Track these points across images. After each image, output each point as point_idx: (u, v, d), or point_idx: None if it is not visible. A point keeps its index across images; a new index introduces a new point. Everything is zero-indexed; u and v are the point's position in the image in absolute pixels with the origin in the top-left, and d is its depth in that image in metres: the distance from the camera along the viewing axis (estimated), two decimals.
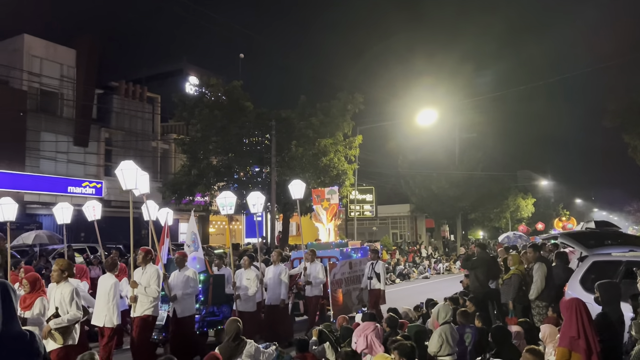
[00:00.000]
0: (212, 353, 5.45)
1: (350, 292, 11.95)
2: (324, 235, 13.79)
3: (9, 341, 2.77)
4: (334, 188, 13.94)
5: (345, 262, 11.96)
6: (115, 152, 26.99)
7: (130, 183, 8.03)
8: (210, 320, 9.48)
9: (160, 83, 37.18)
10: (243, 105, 22.04)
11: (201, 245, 9.90)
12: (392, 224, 47.42)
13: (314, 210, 14.19)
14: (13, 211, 9.22)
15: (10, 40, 24.01)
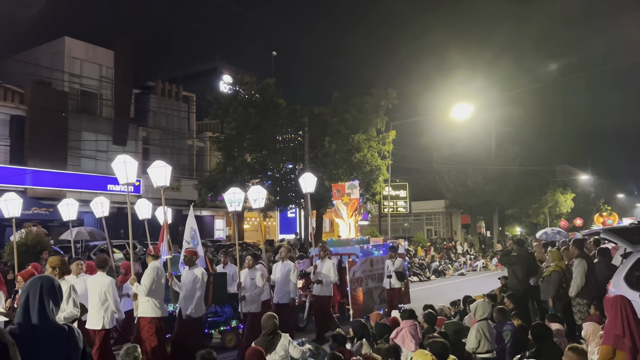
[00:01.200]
0: (254, 347, 5.53)
1: (371, 290, 11.57)
2: (344, 231, 13.34)
3: (45, 334, 2.84)
4: (355, 182, 13.39)
5: (365, 260, 11.59)
6: (153, 151, 27.56)
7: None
8: (213, 321, 9.16)
9: (195, 82, 37.83)
10: (276, 103, 22.18)
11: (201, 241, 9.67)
12: (427, 220, 46.94)
13: (334, 205, 13.71)
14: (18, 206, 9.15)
15: (52, 43, 24.79)
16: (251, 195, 9.89)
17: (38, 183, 21.64)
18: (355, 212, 13.02)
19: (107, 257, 7.71)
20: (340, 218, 13.31)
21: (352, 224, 13.07)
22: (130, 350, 4.65)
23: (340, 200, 13.19)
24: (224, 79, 36.28)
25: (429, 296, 15.56)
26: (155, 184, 8.12)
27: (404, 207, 40.02)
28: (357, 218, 13.15)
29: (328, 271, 10.08)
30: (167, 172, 8.23)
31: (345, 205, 13.04)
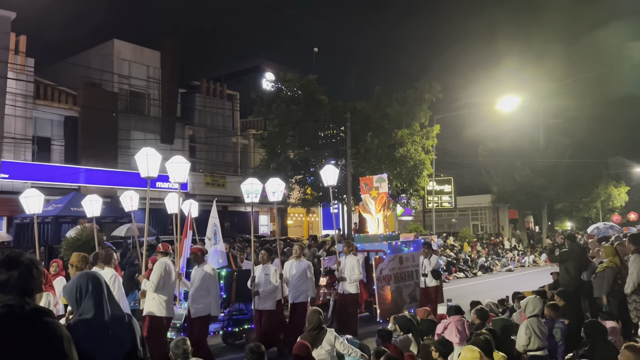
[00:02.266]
0: (301, 341, 5.58)
1: (400, 289, 11.10)
2: (372, 226, 12.61)
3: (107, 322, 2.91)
4: (383, 176, 12.58)
5: (394, 257, 11.15)
6: (199, 149, 28.19)
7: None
8: (237, 319, 8.92)
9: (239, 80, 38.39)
10: (318, 99, 22.24)
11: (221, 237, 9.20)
12: (473, 215, 46.05)
13: (362, 199, 12.94)
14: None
15: (102, 46, 25.67)
16: (269, 187, 9.40)
17: (91, 181, 22.49)
18: (383, 207, 12.30)
19: (112, 253, 7.59)
20: (368, 213, 12.62)
21: (380, 219, 12.40)
22: (179, 343, 4.76)
23: (368, 195, 12.55)
24: (266, 76, 36.65)
25: (475, 292, 15.29)
26: (174, 179, 7.98)
27: (448, 202, 39.39)
28: (385, 213, 12.42)
29: (352, 268, 9.56)
30: (186, 169, 8.09)
31: (374, 199, 12.38)
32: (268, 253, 8.70)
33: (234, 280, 8.85)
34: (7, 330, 2.27)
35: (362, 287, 11.01)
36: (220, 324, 8.68)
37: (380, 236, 11.87)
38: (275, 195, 9.36)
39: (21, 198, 8.65)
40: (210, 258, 8.50)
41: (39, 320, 2.38)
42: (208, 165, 27.90)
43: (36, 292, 2.45)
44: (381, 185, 12.23)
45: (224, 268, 9.01)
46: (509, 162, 33.18)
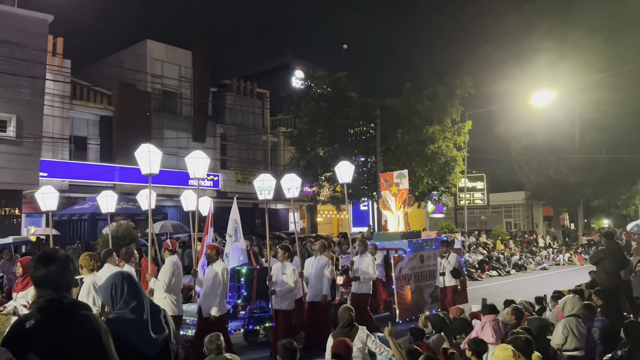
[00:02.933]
0: (341, 338, 5.58)
1: (421, 289, 10.80)
2: (392, 224, 12.18)
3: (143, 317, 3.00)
4: (404, 171, 12.15)
5: (414, 255, 10.86)
6: (230, 147, 28.50)
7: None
8: (258, 317, 8.82)
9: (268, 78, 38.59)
10: (347, 96, 22.20)
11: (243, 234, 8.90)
12: (506, 212, 45.25)
13: (382, 196, 12.58)
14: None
15: (135, 46, 26.18)
16: (285, 184, 9.12)
17: (125, 179, 22.98)
18: (404, 204, 11.86)
19: (132, 250, 7.62)
20: (388, 210, 12.19)
21: (400, 217, 11.96)
22: (213, 338, 4.82)
23: (388, 191, 12.10)
24: (296, 74, 36.74)
25: (509, 291, 15.03)
26: (193, 174, 7.81)
27: (481, 200, 38.81)
28: (406, 210, 11.93)
29: (367, 267, 9.25)
30: (206, 164, 7.93)
31: (394, 196, 11.94)
32: (285, 251, 8.36)
33: (254, 277, 8.80)
34: (48, 323, 2.35)
35: (381, 286, 10.86)
36: (241, 322, 8.59)
37: (400, 234, 11.57)
38: (290, 192, 9.10)
39: (37, 195, 8.69)
40: (230, 255, 8.40)
41: (77, 313, 2.46)
42: (239, 163, 28.18)
43: (72, 286, 2.54)
44: (401, 181, 11.88)
45: (244, 265, 8.92)
46: (543, 158, 32.48)
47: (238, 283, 8.90)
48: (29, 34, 18.85)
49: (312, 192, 24.06)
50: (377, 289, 10.62)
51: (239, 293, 8.80)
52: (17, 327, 2.39)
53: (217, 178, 27.34)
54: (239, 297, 8.75)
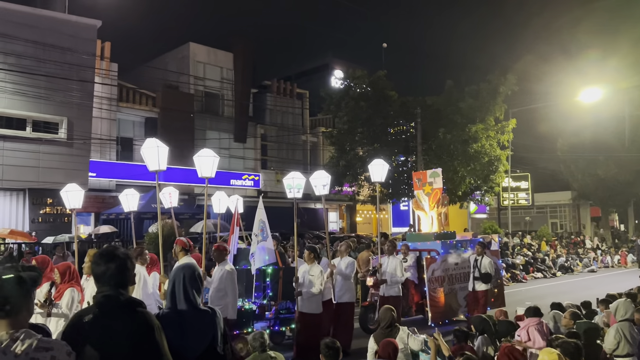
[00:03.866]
0: (387, 340, 5.57)
1: (455, 291, 10.45)
2: (425, 224, 11.83)
3: (191, 318, 3.10)
4: (437, 170, 11.77)
5: (448, 257, 10.55)
6: (270, 147, 28.82)
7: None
8: (284, 318, 8.63)
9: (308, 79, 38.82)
10: (387, 95, 22.06)
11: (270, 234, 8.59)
12: (551, 212, 43.98)
13: (415, 195, 12.16)
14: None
15: (178, 49, 26.81)
16: (314, 180, 8.72)
17: (169, 179, 23.51)
18: (438, 203, 11.52)
19: (143, 249, 7.48)
20: (421, 210, 11.84)
21: (434, 216, 11.60)
22: (257, 336, 4.89)
23: (421, 190, 11.74)
24: (335, 74, 36.80)
25: (555, 293, 14.61)
26: (201, 174, 7.45)
27: (525, 200, 37.84)
28: (440, 210, 11.60)
29: (394, 269, 8.95)
30: (215, 163, 7.59)
31: (427, 195, 11.58)
32: (311, 252, 7.94)
33: (280, 278, 8.64)
34: (104, 318, 2.45)
35: (413, 288, 10.63)
36: (267, 323, 8.46)
37: (433, 235, 11.23)
38: (318, 189, 8.73)
39: (62, 193, 8.52)
40: (256, 255, 8.21)
41: (132, 310, 2.54)
42: (279, 163, 28.45)
43: (129, 284, 2.63)
44: (435, 180, 11.50)
45: (270, 265, 8.72)
46: (590, 157, 31.43)
47: (264, 283, 8.80)
48: (78, 39, 19.58)
49: (352, 192, 24.04)
50: (409, 291, 10.44)
51: (265, 293, 8.68)
52: (75, 320, 2.50)
53: (258, 178, 27.69)
54: (265, 298, 8.62)
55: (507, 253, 21.48)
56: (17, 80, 18.10)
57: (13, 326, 2.18)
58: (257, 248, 8.38)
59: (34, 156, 19.01)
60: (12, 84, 18.13)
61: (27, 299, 2.26)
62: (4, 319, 2.18)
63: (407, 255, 10.64)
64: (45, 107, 19.03)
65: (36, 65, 18.20)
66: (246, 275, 8.95)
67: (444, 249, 10.65)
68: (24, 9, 18.92)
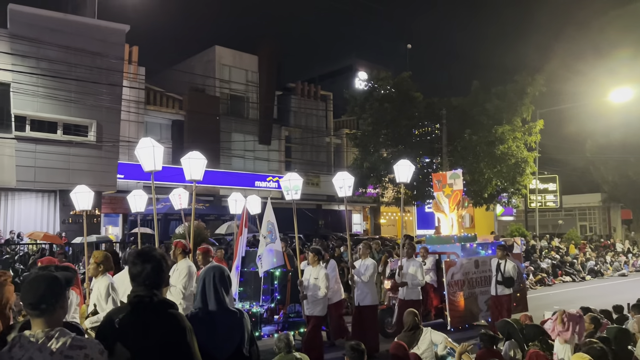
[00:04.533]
0: (397, 342, 5.57)
1: (475, 296, 10.21)
2: (445, 227, 11.61)
3: (221, 318, 3.14)
4: (457, 171, 11.60)
5: (469, 260, 10.26)
6: (294, 149, 28.94)
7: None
8: (293, 321, 8.52)
9: (332, 80, 38.85)
10: (412, 96, 21.94)
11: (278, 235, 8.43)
12: (580, 215, 43.07)
13: (435, 197, 11.97)
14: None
15: (204, 52, 27.14)
16: (336, 182, 8.54)
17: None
18: (458, 205, 11.30)
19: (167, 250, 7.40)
20: (441, 212, 11.60)
21: (454, 219, 11.39)
22: (282, 337, 4.93)
23: (441, 192, 11.56)
24: (359, 75, 36.76)
25: (584, 298, 14.32)
26: (189, 176, 7.38)
27: (553, 202, 37.16)
28: (460, 212, 11.41)
29: (415, 272, 8.79)
30: (203, 165, 7.51)
31: (447, 197, 11.38)
32: (316, 254, 7.78)
33: (288, 281, 8.53)
34: (136, 318, 2.51)
35: (432, 292, 10.47)
36: (275, 327, 8.36)
37: (453, 237, 11.02)
38: (342, 191, 8.55)
39: (72, 194, 8.57)
40: (264, 257, 8.07)
41: (164, 312, 2.58)
42: (303, 165, 28.56)
43: (163, 285, 2.67)
44: (455, 181, 11.30)
45: (278, 268, 8.59)
46: (621, 158, 30.74)
47: (271, 286, 8.66)
48: (107, 43, 19.99)
49: (376, 194, 23.96)
50: (428, 295, 10.27)
51: (273, 297, 8.55)
52: (108, 319, 2.56)
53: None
54: (273, 301, 8.49)
55: (534, 256, 21.13)
56: (48, 84, 18.57)
57: (49, 324, 2.25)
58: (265, 250, 8.23)
59: (64, 158, 19.46)
60: (44, 88, 18.60)
61: (61, 298, 2.33)
62: (39, 318, 2.25)
63: (425, 258, 10.46)
64: (76, 111, 19.48)
65: (67, 70, 18.65)
66: (254, 278, 8.84)
67: (464, 252, 10.43)
68: (56, 14, 19.42)
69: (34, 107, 18.85)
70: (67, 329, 2.30)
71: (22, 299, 2.30)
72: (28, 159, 18.73)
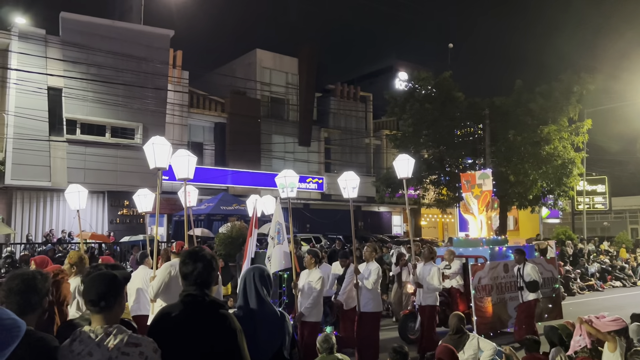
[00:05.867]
0: (445, 345, 5.52)
1: (504, 301, 9.71)
2: (474, 229, 11.06)
3: (262, 317, 3.20)
4: (487, 171, 11.06)
5: (497, 264, 9.74)
6: (333, 150, 28.99)
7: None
8: None
9: (371, 81, 38.70)
10: (454, 96, 21.63)
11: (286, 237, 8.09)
12: (631, 217, 41.40)
13: (463, 198, 11.45)
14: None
15: (245, 56, 27.56)
16: (341, 182, 8.24)
17: (237, 182, 24.24)
18: (487, 207, 10.77)
19: (146, 253, 7.44)
20: (469, 214, 11.06)
21: (483, 221, 10.83)
22: (327, 337, 4.96)
23: (470, 193, 10.97)
24: (399, 76, 36.50)
25: (636, 304, 13.75)
26: (178, 175, 7.12)
27: (602, 204, 35.85)
28: (489, 214, 10.85)
29: (432, 277, 8.31)
30: (192, 162, 7.21)
31: (476, 198, 10.83)
32: (315, 257, 7.31)
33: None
34: (189, 317, 2.57)
35: (459, 297, 10.00)
36: None
37: (482, 240, 10.51)
38: (346, 192, 8.18)
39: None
40: (273, 259, 7.79)
41: (216, 312, 2.63)
42: (342, 166, 28.60)
43: (213, 284, 2.74)
44: (485, 182, 10.79)
45: (286, 271, 8.30)
46: None
47: (280, 289, 8.46)
48: (152, 48, 20.58)
49: (416, 195, 23.72)
50: (454, 300, 9.84)
51: (281, 300, 8.35)
52: (160, 318, 2.64)
53: (322, 181, 27.93)
54: (281, 304, 8.26)
55: (582, 260, 20.46)
56: (97, 89, 19.27)
57: (107, 321, 2.35)
58: (273, 251, 7.93)
59: (112, 160, 20.13)
60: (93, 93, 19.31)
61: (120, 296, 2.43)
62: (99, 314, 2.35)
63: (451, 262, 10.03)
64: (123, 114, 20.13)
65: (115, 75, 19.30)
66: None
67: (493, 255, 9.98)
68: (105, 21, 20.14)
69: (84, 111, 19.59)
70: (123, 326, 2.39)
71: (83, 295, 2.41)
72: (78, 161, 19.47)
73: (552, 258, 11.35)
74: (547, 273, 10.62)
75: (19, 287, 2.39)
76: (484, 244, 10.36)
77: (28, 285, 2.42)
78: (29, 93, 18.10)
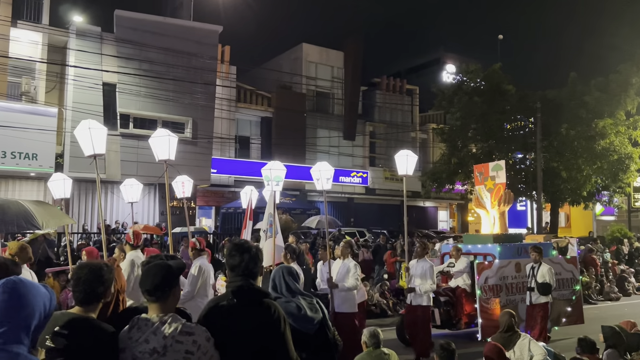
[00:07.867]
0: (493, 343, 5.43)
1: (515, 303, 8.88)
2: (486, 224, 10.29)
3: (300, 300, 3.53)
4: (500, 163, 10.27)
5: (507, 263, 9.03)
6: (379, 144, 28.82)
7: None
8: None
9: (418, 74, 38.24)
10: (504, 89, 21.10)
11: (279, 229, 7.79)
12: None
13: (475, 192, 10.80)
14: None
15: (292, 50, 27.73)
16: (314, 173, 7.77)
17: None
18: (500, 200, 9.94)
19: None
20: (482, 208, 10.32)
21: (496, 216, 10.01)
22: (374, 332, 4.97)
23: (482, 186, 10.24)
24: (447, 68, 35.88)
25: None
26: (158, 157, 6.85)
27: None
28: (502, 208, 10.04)
29: (424, 276, 7.83)
30: (173, 143, 6.92)
31: (489, 191, 10.10)
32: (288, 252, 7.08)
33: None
34: (239, 307, 2.65)
35: (464, 297, 9.34)
36: None
37: (492, 236, 9.76)
38: (319, 183, 7.71)
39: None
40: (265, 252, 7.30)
41: (262, 301, 2.73)
42: (387, 161, 28.40)
43: (258, 275, 2.83)
44: (498, 174, 10.00)
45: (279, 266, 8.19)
46: None
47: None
48: (202, 44, 21.00)
49: (464, 190, 23.31)
50: (459, 300, 9.25)
51: None
52: (212, 307, 2.73)
53: (366, 175, 27.85)
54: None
55: (638, 260, 19.60)
56: (149, 84, 19.85)
57: (163, 310, 2.45)
58: (265, 245, 7.69)
59: None
60: (146, 88, 19.91)
61: (174, 285, 2.52)
62: (155, 303, 2.46)
63: (457, 260, 9.45)
64: (174, 109, 20.66)
65: (166, 70, 19.83)
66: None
67: (503, 253, 9.21)
68: (157, 18, 20.69)
69: (136, 105, 20.23)
70: (178, 315, 2.49)
71: (140, 285, 2.53)
72: (131, 154, 20.13)
73: (572, 257, 10.41)
74: (567, 274, 9.82)
75: (87, 276, 2.52)
76: (495, 240, 9.58)
77: (95, 275, 2.54)
78: (86, 89, 18.83)
